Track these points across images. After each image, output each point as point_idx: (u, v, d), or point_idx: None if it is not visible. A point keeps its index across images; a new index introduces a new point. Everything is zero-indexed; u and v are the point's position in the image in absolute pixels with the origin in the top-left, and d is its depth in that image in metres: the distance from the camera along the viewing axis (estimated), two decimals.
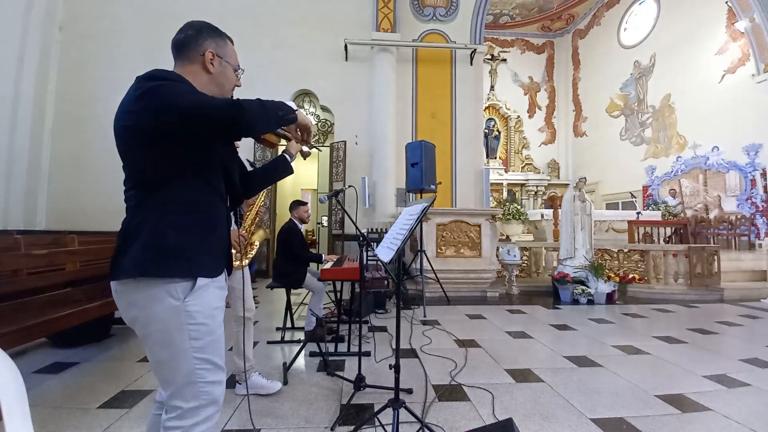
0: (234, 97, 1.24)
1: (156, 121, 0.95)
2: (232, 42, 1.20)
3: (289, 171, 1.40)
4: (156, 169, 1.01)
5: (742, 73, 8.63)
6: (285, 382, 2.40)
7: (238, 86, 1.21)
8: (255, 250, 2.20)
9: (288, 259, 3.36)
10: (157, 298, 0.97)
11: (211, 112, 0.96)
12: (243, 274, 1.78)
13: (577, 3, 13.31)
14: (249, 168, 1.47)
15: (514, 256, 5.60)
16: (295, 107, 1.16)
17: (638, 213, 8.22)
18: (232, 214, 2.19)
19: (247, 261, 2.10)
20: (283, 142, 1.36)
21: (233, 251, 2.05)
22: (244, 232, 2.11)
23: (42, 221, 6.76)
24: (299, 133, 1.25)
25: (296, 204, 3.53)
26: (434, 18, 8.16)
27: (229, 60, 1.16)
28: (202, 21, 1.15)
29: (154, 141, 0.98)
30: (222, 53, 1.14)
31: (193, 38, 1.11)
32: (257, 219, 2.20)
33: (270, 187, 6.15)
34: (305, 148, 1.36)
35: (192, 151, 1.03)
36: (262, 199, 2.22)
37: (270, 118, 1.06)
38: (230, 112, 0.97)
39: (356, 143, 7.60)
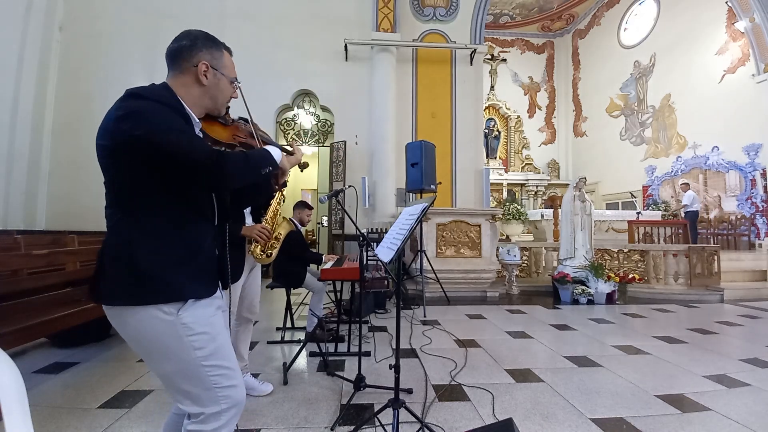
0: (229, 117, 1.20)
1: (133, 148, 0.92)
2: (230, 53, 1.15)
3: (273, 189, 1.39)
4: (132, 189, 0.97)
5: (742, 73, 8.62)
6: (285, 382, 2.40)
7: (234, 98, 1.17)
8: (279, 242, 2.16)
9: (288, 259, 3.35)
10: (149, 316, 0.95)
11: (192, 162, 0.94)
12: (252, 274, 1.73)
13: (577, 3, 13.31)
14: None
15: (514, 256, 5.60)
16: (279, 157, 1.13)
17: (638, 213, 8.22)
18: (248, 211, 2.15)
19: (272, 253, 2.09)
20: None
21: (255, 244, 2.06)
22: (267, 225, 2.09)
23: (42, 221, 6.75)
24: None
25: (302, 205, 3.48)
26: (434, 18, 8.16)
27: (225, 72, 1.10)
28: (200, 30, 1.10)
29: (129, 163, 0.94)
30: (217, 65, 1.08)
31: (188, 48, 1.06)
32: (279, 212, 2.17)
33: None
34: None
35: (170, 175, 0.99)
36: (280, 196, 2.18)
37: (251, 177, 1.07)
38: (211, 168, 0.96)
39: (356, 143, 7.60)
